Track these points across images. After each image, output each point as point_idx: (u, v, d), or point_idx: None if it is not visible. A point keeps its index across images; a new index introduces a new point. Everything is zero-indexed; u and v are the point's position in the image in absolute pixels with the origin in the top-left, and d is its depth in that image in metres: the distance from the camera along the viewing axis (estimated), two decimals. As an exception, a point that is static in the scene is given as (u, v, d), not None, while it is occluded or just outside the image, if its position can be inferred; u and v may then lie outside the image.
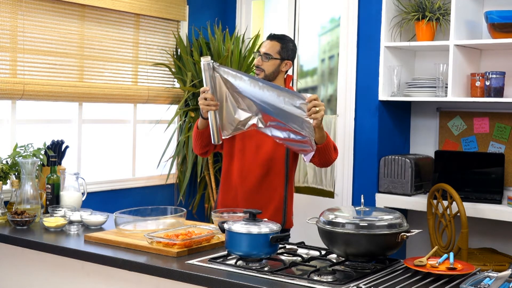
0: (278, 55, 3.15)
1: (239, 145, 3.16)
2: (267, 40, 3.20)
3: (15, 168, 3.25)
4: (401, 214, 2.29)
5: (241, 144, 3.16)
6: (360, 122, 4.51)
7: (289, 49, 3.19)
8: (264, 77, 3.15)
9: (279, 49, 3.16)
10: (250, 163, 3.09)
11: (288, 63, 3.20)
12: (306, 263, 2.28)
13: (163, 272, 2.24)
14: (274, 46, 3.16)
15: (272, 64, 3.16)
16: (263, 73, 3.16)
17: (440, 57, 4.34)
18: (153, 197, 4.65)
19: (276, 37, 3.19)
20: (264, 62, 3.16)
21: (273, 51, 3.15)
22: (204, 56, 2.89)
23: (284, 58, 3.17)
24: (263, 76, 3.17)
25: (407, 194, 4.25)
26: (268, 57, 3.15)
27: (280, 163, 3.12)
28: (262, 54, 3.17)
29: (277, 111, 2.86)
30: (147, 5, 4.47)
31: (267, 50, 3.16)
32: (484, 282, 1.99)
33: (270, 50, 3.16)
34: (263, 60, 3.16)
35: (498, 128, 4.33)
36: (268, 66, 3.16)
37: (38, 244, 2.66)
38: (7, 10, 3.69)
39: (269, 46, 3.17)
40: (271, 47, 3.16)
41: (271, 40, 3.18)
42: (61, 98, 3.98)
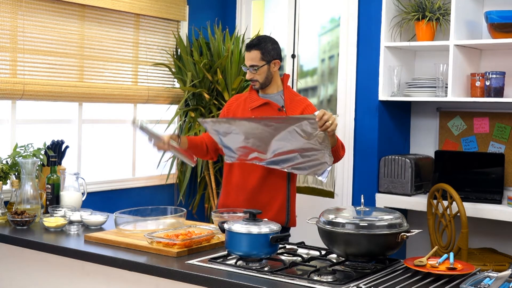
0: (263, 61, 3.17)
1: None
2: (247, 52, 3.21)
3: (15, 168, 3.25)
4: (401, 214, 2.29)
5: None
6: (360, 122, 4.51)
7: (270, 50, 3.19)
8: (261, 86, 3.20)
9: (260, 55, 3.17)
10: (251, 164, 3.09)
11: (276, 62, 3.21)
12: (306, 263, 2.28)
13: (163, 272, 2.24)
14: (255, 55, 3.17)
15: (262, 72, 3.18)
16: (258, 83, 3.20)
17: (440, 57, 4.34)
18: (153, 197, 4.65)
19: (253, 45, 3.19)
20: (254, 73, 3.18)
21: (256, 60, 3.17)
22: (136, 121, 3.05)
23: (270, 60, 3.18)
24: (258, 85, 3.21)
25: (407, 194, 4.25)
26: (255, 68, 3.17)
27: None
28: (249, 68, 3.19)
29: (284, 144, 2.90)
30: (147, 5, 4.47)
31: (251, 62, 3.18)
32: (484, 282, 1.99)
33: (254, 60, 3.17)
34: (252, 72, 3.19)
35: (498, 128, 4.33)
36: (259, 75, 3.18)
37: (38, 244, 2.66)
38: (7, 10, 3.69)
39: (251, 57, 3.18)
40: (253, 57, 3.18)
41: (250, 51, 3.19)
42: (61, 98, 3.98)
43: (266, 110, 3.19)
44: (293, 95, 3.27)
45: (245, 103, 3.28)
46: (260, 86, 3.21)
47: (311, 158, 2.91)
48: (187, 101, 4.72)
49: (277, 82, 3.25)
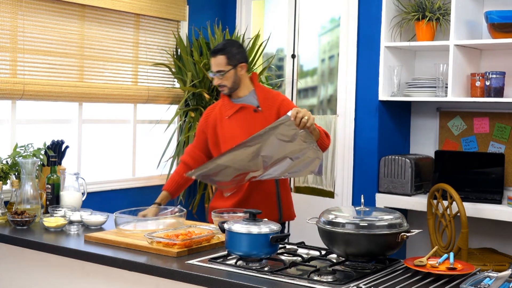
0: (229, 66, 3.18)
1: (217, 151, 3.20)
2: (212, 58, 3.21)
3: (15, 168, 3.25)
4: (401, 214, 2.29)
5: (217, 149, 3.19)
6: (360, 122, 4.51)
7: (235, 53, 3.20)
8: (230, 90, 3.21)
9: (226, 60, 3.17)
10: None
11: (242, 65, 3.22)
12: (306, 263, 2.28)
13: (163, 272, 2.24)
14: (220, 60, 3.18)
15: (230, 77, 3.19)
16: (227, 88, 3.21)
17: (440, 57, 4.34)
18: (153, 197, 4.63)
19: (218, 50, 3.20)
20: (221, 79, 3.19)
21: (223, 65, 3.17)
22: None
23: (236, 64, 3.19)
24: (227, 90, 3.22)
25: (407, 194, 4.25)
26: (222, 73, 3.17)
27: None
28: (215, 74, 3.20)
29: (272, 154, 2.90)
30: (147, 5, 4.47)
31: (217, 68, 3.19)
32: (484, 282, 1.99)
33: (220, 66, 3.18)
34: (219, 78, 3.19)
35: (498, 128, 4.33)
36: (227, 80, 3.19)
37: (38, 244, 2.66)
38: (7, 10, 3.69)
39: (216, 62, 3.19)
40: (219, 63, 3.18)
41: (215, 56, 3.20)
42: (61, 98, 3.98)
43: (242, 114, 3.20)
44: (265, 92, 3.28)
45: (220, 112, 3.27)
46: (229, 90, 3.22)
47: (302, 159, 2.91)
48: (187, 101, 4.72)
49: (247, 83, 3.26)
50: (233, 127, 3.23)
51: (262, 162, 2.94)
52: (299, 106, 4.96)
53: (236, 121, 3.22)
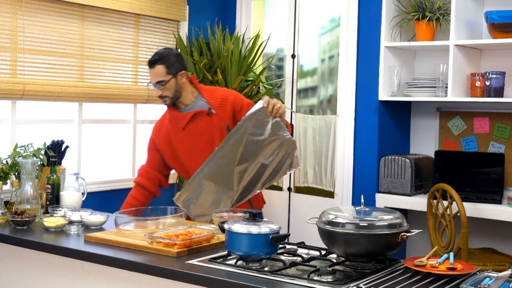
0: (169, 75, 3.11)
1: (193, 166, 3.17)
2: (150, 69, 3.13)
3: (15, 168, 3.25)
4: (401, 214, 2.29)
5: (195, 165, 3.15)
6: (360, 122, 4.51)
7: (174, 62, 3.13)
8: (172, 100, 3.14)
9: (165, 70, 3.10)
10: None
11: (182, 73, 3.15)
12: (306, 263, 2.28)
13: (163, 272, 2.24)
14: (159, 70, 3.11)
15: (171, 86, 3.12)
16: (169, 98, 3.14)
17: (440, 57, 4.34)
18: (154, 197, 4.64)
19: (156, 60, 3.12)
20: (162, 89, 3.12)
21: (162, 75, 3.10)
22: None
23: (175, 73, 3.13)
24: (169, 101, 3.15)
25: (407, 194, 4.25)
26: (163, 83, 3.10)
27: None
28: (155, 85, 3.11)
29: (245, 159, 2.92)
30: (147, 5, 4.47)
31: (157, 78, 3.10)
32: (484, 282, 1.99)
33: (159, 76, 3.10)
34: (160, 88, 3.12)
35: (498, 128, 4.33)
36: (168, 90, 3.12)
37: (38, 244, 2.66)
38: (7, 10, 3.69)
39: (156, 73, 3.11)
40: (158, 73, 3.11)
41: (153, 67, 3.12)
42: (61, 98, 3.98)
43: (197, 122, 3.16)
44: (212, 92, 3.22)
45: (172, 125, 3.21)
46: (171, 101, 3.15)
47: (278, 156, 2.90)
48: (187, 101, 4.72)
49: (190, 89, 3.20)
50: (191, 137, 3.17)
51: (235, 177, 2.94)
52: (299, 106, 4.96)
53: (192, 130, 3.17)
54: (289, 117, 4.92)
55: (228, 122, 3.16)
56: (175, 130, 3.20)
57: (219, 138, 3.11)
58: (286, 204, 4.94)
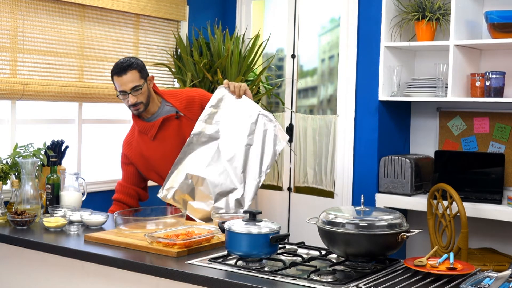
0: (142, 79, 3.04)
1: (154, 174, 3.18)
2: (122, 77, 3.00)
3: (15, 168, 3.25)
4: (401, 214, 2.29)
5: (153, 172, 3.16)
6: (360, 122, 4.51)
7: (142, 66, 3.08)
8: (145, 106, 3.07)
9: (138, 74, 3.03)
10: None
11: (150, 78, 3.11)
12: (306, 263, 2.28)
13: (163, 272, 2.24)
14: (134, 75, 3.02)
15: (145, 91, 3.05)
16: (143, 105, 3.06)
17: (440, 57, 4.34)
18: (153, 197, 4.64)
19: (127, 66, 3.01)
20: (138, 96, 3.03)
21: (137, 80, 3.02)
22: None
23: (146, 77, 3.08)
24: (143, 108, 3.06)
25: (407, 194, 4.25)
26: (138, 88, 3.02)
27: None
28: (130, 92, 3.01)
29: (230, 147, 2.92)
30: (147, 5, 4.47)
31: (133, 84, 3.01)
32: (484, 282, 1.99)
33: (134, 81, 3.01)
34: (135, 95, 3.02)
35: (498, 128, 4.33)
36: (142, 95, 3.05)
37: (38, 244, 2.66)
38: (7, 10, 3.69)
39: (130, 79, 3.01)
40: (133, 79, 3.01)
41: (126, 73, 3.00)
42: (61, 98, 3.98)
43: (167, 128, 3.13)
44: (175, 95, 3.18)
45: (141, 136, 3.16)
46: (145, 107, 3.07)
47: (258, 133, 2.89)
48: (187, 101, 4.72)
49: (155, 96, 3.14)
50: (163, 144, 3.15)
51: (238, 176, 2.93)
52: (299, 106, 4.96)
53: (163, 137, 3.14)
54: (289, 117, 4.92)
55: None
56: (145, 141, 3.16)
57: None
58: (286, 204, 4.94)
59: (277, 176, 5.01)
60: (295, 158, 4.92)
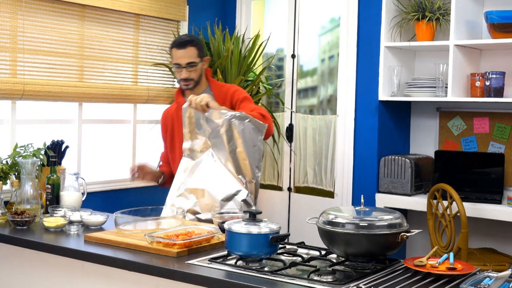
0: (199, 58, 3.12)
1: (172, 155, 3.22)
2: (181, 49, 3.11)
3: (15, 168, 3.25)
4: (401, 214, 2.29)
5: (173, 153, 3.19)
6: (360, 122, 4.51)
7: (202, 46, 3.16)
8: (195, 84, 3.14)
9: (197, 52, 3.11)
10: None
11: (207, 59, 3.18)
12: (306, 263, 2.28)
13: (163, 272, 2.24)
14: (192, 52, 3.10)
15: (198, 69, 3.13)
16: (193, 82, 3.14)
17: (440, 57, 4.34)
18: (153, 197, 4.64)
19: (188, 42, 3.11)
20: (191, 72, 3.10)
21: (194, 57, 3.11)
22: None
23: (203, 57, 3.15)
24: (193, 84, 3.13)
25: (407, 194, 4.25)
26: (193, 65, 3.10)
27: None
28: (185, 66, 3.09)
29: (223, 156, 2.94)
30: (147, 5, 4.47)
31: (188, 59, 3.09)
32: (484, 282, 1.99)
33: (191, 57, 3.10)
34: (190, 70, 3.10)
35: (498, 128, 4.33)
36: (196, 73, 3.13)
37: (38, 244, 2.66)
38: (7, 10, 3.69)
39: (188, 54, 3.09)
40: (190, 54, 3.10)
41: (185, 48, 3.10)
42: (61, 98, 3.98)
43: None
44: (220, 86, 3.23)
45: (177, 113, 3.21)
46: (195, 85, 3.15)
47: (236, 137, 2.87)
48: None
49: (204, 80, 3.21)
50: None
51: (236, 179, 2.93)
52: (299, 106, 4.96)
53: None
54: (289, 117, 4.92)
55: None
56: (178, 118, 3.21)
57: None
58: (286, 204, 4.94)
59: (277, 176, 5.01)
60: (295, 158, 4.92)
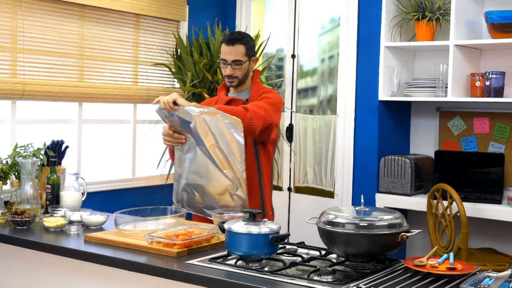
0: (246, 57, 3.09)
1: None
2: (229, 46, 3.08)
3: (15, 168, 3.25)
4: (401, 214, 2.29)
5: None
6: (360, 122, 4.51)
7: (252, 46, 3.12)
8: (239, 83, 3.12)
9: (245, 51, 3.08)
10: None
11: (255, 59, 3.15)
12: (306, 263, 2.28)
13: (163, 272, 2.24)
14: (240, 50, 3.07)
15: (244, 68, 3.10)
16: (237, 80, 3.11)
17: (440, 57, 4.34)
18: (153, 197, 4.65)
19: (237, 39, 3.08)
20: (235, 69, 3.08)
21: (241, 55, 3.07)
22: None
23: (251, 56, 3.12)
24: (237, 82, 3.11)
25: (407, 194, 4.25)
26: (239, 63, 3.07)
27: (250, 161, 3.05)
28: (231, 63, 3.07)
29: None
30: (147, 5, 4.47)
31: (236, 57, 3.07)
32: (484, 282, 1.99)
33: (238, 55, 3.07)
34: (234, 68, 3.07)
35: (498, 128, 4.33)
36: (241, 71, 3.09)
37: (38, 244, 2.66)
38: (7, 10, 3.69)
39: (235, 52, 3.07)
40: (238, 52, 3.07)
41: (233, 45, 3.07)
42: (61, 98, 3.98)
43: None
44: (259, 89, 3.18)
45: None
46: (238, 83, 3.12)
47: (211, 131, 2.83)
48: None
49: (249, 79, 3.18)
50: None
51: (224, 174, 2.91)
52: (299, 106, 4.96)
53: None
54: (289, 117, 4.92)
55: None
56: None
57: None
58: (286, 204, 4.94)
59: (277, 176, 5.01)
60: (295, 158, 4.92)
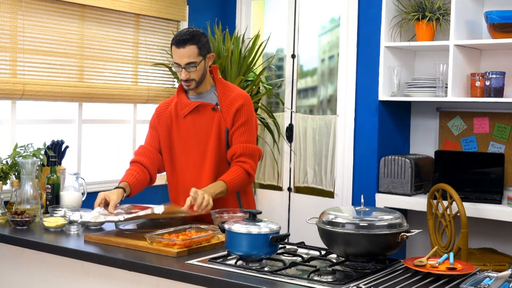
0: (200, 56, 2.89)
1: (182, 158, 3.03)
2: (180, 48, 2.86)
3: (15, 168, 3.25)
4: (401, 214, 2.29)
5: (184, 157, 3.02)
6: (360, 122, 4.51)
7: (205, 43, 2.91)
8: (197, 85, 2.94)
9: (197, 51, 2.87)
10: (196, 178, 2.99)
11: (210, 56, 2.95)
12: (306, 263, 2.28)
13: (163, 272, 2.24)
14: (192, 51, 2.86)
15: (200, 69, 2.90)
16: (195, 82, 2.92)
17: (440, 57, 4.34)
18: (153, 197, 4.64)
19: (187, 40, 2.86)
20: (191, 72, 2.89)
21: (194, 56, 2.87)
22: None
23: (205, 54, 2.91)
24: (195, 85, 2.93)
25: (407, 194, 4.25)
26: (194, 65, 2.88)
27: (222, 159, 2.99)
28: (185, 66, 2.87)
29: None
30: (147, 5, 4.47)
31: (188, 59, 2.86)
32: (484, 282, 1.99)
33: (191, 57, 2.86)
34: (189, 71, 2.88)
35: (498, 128, 4.33)
36: (197, 73, 2.90)
37: (38, 244, 2.66)
38: (7, 10, 3.69)
39: (187, 54, 2.85)
40: (190, 54, 2.86)
41: (184, 46, 2.85)
42: (61, 98, 3.98)
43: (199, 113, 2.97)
44: (226, 89, 3.02)
45: (176, 110, 3.03)
46: (196, 85, 2.93)
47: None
48: (187, 101, 4.72)
49: (208, 77, 2.99)
50: (188, 127, 3.00)
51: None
52: (299, 106, 4.96)
53: (192, 121, 2.99)
54: (289, 117, 4.92)
55: (228, 125, 2.98)
56: (177, 115, 3.02)
57: (216, 138, 2.96)
58: (286, 204, 4.94)
59: (277, 176, 5.01)
60: (295, 158, 4.92)
